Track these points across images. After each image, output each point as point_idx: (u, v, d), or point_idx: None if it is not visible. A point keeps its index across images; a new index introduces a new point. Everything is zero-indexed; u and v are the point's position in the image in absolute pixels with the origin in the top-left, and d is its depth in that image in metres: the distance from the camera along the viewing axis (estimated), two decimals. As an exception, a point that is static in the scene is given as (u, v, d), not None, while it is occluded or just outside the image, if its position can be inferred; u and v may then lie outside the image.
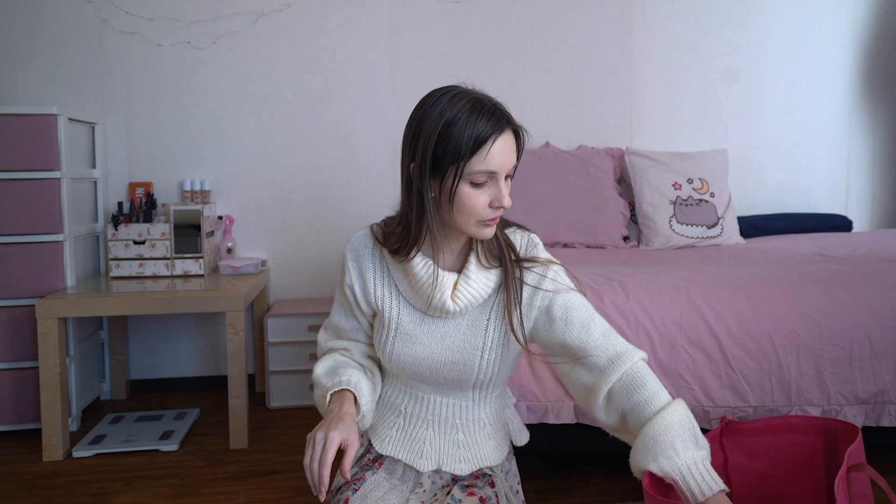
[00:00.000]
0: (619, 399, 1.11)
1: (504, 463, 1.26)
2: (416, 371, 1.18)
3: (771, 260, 2.38)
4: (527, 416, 1.76)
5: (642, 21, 3.16)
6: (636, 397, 1.08)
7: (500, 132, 1.04)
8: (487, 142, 1.02)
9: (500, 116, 1.05)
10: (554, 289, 1.14)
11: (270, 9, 2.85)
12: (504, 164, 1.05)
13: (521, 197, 2.77)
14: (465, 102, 1.04)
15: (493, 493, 1.17)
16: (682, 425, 1.04)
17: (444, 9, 2.99)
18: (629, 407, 1.10)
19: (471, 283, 1.13)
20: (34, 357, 2.28)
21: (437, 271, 1.12)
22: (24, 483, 2.02)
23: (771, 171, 3.33)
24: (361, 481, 1.17)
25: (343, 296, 1.23)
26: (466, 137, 1.01)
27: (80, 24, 2.73)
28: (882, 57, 3.42)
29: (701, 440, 1.06)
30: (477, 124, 1.02)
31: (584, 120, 3.14)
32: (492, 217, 1.07)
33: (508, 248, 1.16)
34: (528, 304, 1.16)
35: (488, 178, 1.05)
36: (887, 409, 1.83)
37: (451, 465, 1.19)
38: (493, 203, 1.06)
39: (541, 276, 1.15)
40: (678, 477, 1.01)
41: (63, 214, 2.35)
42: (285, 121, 2.90)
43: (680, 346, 1.79)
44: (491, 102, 1.06)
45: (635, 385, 1.09)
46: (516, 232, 1.21)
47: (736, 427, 1.57)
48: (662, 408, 1.06)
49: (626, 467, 1.15)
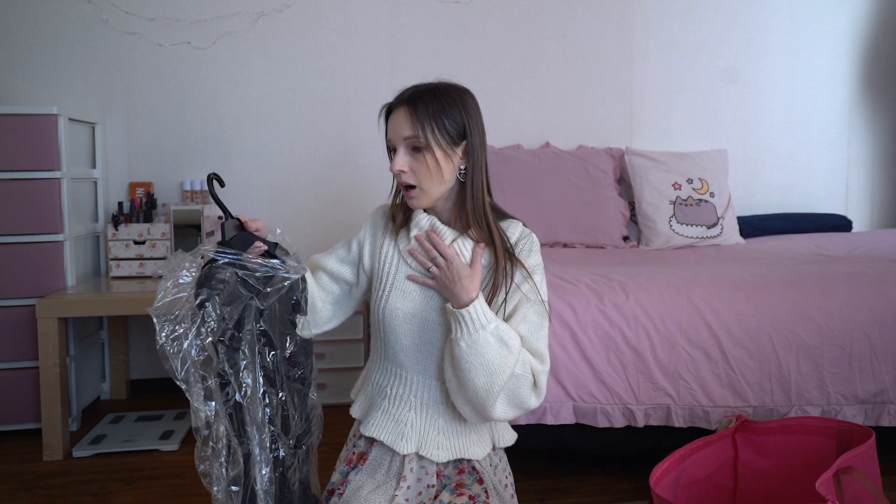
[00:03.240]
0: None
1: (491, 457, 1.28)
2: (405, 329, 1.22)
3: (771, 260, 2.39)
4: (525, 416, 1.77)
5: (642, 21, 3.16)
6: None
7: (390, 109, 1.22)
8: (383, 118, 1.24)
9: (399, 95, 1.21)
10: (527, 294, 1.20)
11: (270, 9, 2.86)
12: (394, 134, 1.20)
13: (522, 197, 2.77)
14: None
15: (483, 490, 1.20)
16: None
17: (444, 9, 2.99)
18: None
19: (466, 245, 1.21)
20: (34, 357, 2.28)
21: (437, 223, 1.23)
22: (24, 483, 2.02)
23: (771, 171, 3.33)
24: (345, 484, 1.22)
25: (347, 247, 1.33)
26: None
27: (81, 24, 2.73)
28: (882, 57, 3.42)
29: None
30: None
31: (584, 120, 3.14)
32: (400, 181, 1.21)
33: (501, 237, 1.22)
34: (509, 298, 1.21)
35: (394, 148, 1.21)
36: (887, 408, 1.83)
37: (429, 451, 1.22)
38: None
39: (524, 278, 1.21)
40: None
41: (63, 214, 2.35)
42: (285, 121, 2.90)
43: (680, 346, 1.79)
44: (409, 87, 1.21)
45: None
46: (518, 226, 1.26)
47: (751, 426, 1.58)
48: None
49: (626, 467, 1.16)
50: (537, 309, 1.19)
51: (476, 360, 1.10)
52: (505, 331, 1.12)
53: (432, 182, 1.19)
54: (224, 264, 1.09)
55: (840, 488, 1.20)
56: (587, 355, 1.77)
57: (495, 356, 1.10)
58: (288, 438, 1.14)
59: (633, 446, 1.85)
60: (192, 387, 1.06)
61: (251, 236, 1.16)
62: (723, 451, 1.57)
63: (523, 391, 1.14)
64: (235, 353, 1.07)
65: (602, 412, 1.79)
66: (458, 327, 1.12)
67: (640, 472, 1.86)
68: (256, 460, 1.07)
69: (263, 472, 1.07)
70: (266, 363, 1.11)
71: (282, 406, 1.13)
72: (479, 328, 1.10)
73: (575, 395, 1.78)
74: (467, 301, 1.12)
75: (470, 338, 1.10)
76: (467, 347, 1.10)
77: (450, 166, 1.20)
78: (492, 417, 1.15)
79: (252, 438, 1.07)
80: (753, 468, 1.57)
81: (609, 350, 1.78)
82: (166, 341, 1.04)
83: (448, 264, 1.15)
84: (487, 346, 1.10)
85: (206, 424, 1.06)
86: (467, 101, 1.22)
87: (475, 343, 1.10)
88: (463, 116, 1.20)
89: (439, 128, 1.17)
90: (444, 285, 1.16)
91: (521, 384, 1.13)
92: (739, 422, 1.59)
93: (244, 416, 1.08)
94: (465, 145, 1.21)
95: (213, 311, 1.05)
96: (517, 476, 2.00)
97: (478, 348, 1.10)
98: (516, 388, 1.13)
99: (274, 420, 1.11)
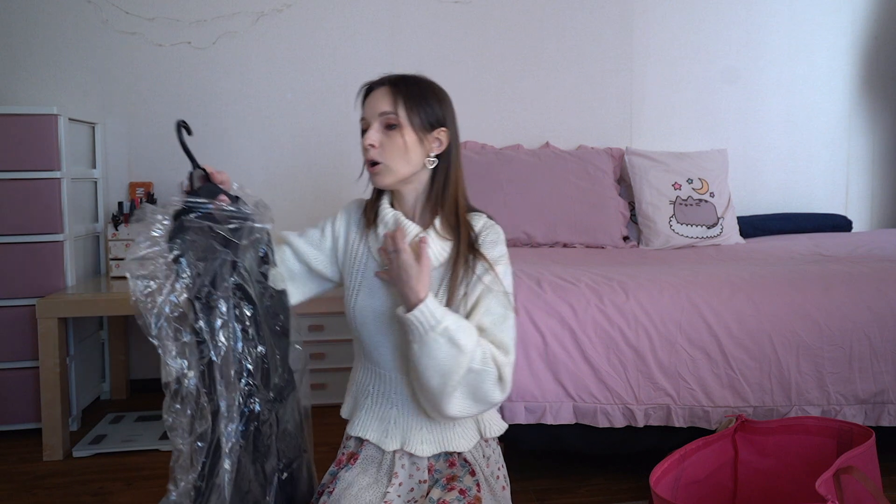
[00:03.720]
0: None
1: (483, 448, 1.28)
2: (376, 327, 1.23)
3: (771, 260, 2.39)
4: (525, 416, 1.77)
5: (642, 21, 3.16)
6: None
7: (372, 86, 1.26)
8: (361, 96, 1.28)
9: (384, 77, 1.26)
10: (490, 285, 1.19)
11: (270, 9, 2.86)
12: (371, 110, 1.23)
13: (522, 197, 2.77)
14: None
15: (474, 482, 1.20)
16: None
17: (444, 9, 2.99)
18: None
19: (430, 241, 1.20)
20: (34, 357, 2.28)
21: (401, 218, 1.23)
22: (24, 483, 2.02)
23: (771, 171, 3.33)
24: (335, 482, 1.22)
25: (321, 231, 1.32)
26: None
27: (81, 24, 2.73)
28: (882, 57, 3.42)
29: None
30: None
31: (584, 120, 3.14)
32: (368, 156, 1.22)
33: (466, 229, 1.22)
34: (470, 290, 1.21)
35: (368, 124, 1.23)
36: (887, 408, 1.83)
37: (413, 446, 1.22)
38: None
39: (486, 269, 1.20)
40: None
41: (63, 214, 2.35)
42: (285, 121, 2.90)
43: (680, 346, 1.79)
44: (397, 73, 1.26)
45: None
46: (482, 218, 1.27)
47: (751, 426, 1.58)
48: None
49: (626, 467, 1.16)
50: (501, 300, 1.19)
51: (428, 362, 1.10)
52: (456, 330, 1.10)
53: (400, 162, 1.20)
54: (196, 216, 1.07)
55: (840, 488, 1.20)
56: (587, 355, 1.77)
57: (445, 357, 1.09)
58: (268, 391, 1.12)
59: (633, 446, 1.85)
60: (165, 343, 1.04)
61: (216, 188, 1.16)
62: (723, 451, 1.57)
63: (486, 385, 1.13)
64: (211, 310, 1.05)
65: (602, 412, 1.79)
66: (408, 330, 1.11)
67: (640, 472, 1.86)
68: (223, 416, 1.04)
69: (229, 429, 1.04)
70: (244, 317, 1.08)
71: (262, 359, 1.11)
72: (429, 329, 1.09)
73: (575, 394, 1.78)
74: (415, 302, 1.11)
75: (420, 340, 1.10)
76: (419, 349, 1.10)
77: (419, 150, 1.21)
78: (450, 415, 1.14)
79: (220, 396, 1.05)
80: (753, 468, 1.58)
81: (609, 350, 1.78)
82: (140, 297, 1.02)
83: (396, 257, 1.13)
84: (437, 347, 1.09)
85: (177, 380, 1.05)
86: (444, 98, 1.26)
87: (425, 345, 1.09)
88: (440, 108, 1.23)
89: (417, 110, 1.20)
90: (393, 283, 1.15)
91: (482, 379, 1.12)
92: (739, 422, 1.59)
93: (215, 373, 1.05)
94: (438, 134, 1.22)
95: (188, 268, 1.03)
96: (517, 476, 2.00)
97: (428, 350, 1.09)
98: (477, 384, 1.12)
99: (254, 374, 1.08)
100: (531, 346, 1.77)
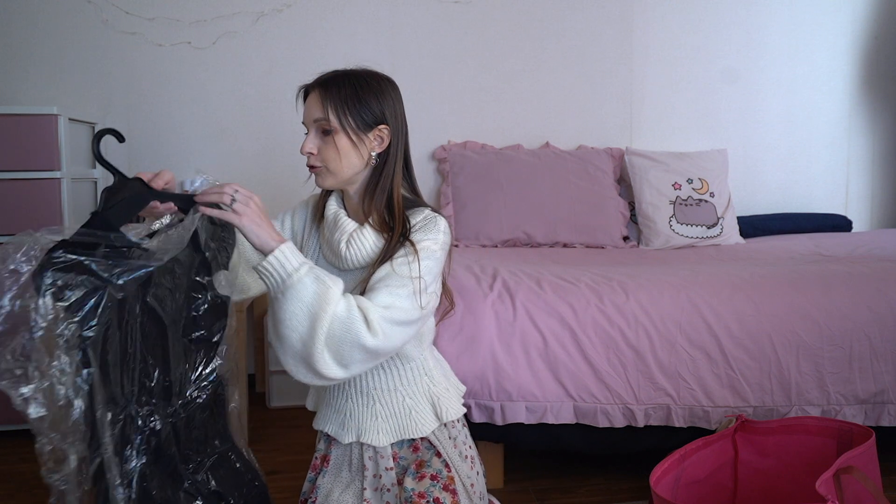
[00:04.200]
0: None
1: (449, 430, 1.29)
2: None
3: (771, 260, 2.39)
4: (526, 416, 1.77)
5: (642, 21, 3.16)
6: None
7: (307, 91, 1.25)
8: (300, 98, 1.28)
9: (317, 78, 1.25)
10: (397, 268, 1.16)
11: (270, 9, 2.85)
12: (307, 116, 1.24)
13: (522, 197, 2.77)
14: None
15: (443, 464, 1.22)
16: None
17: (444, 9, 2.99)
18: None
19: (364, 236, 1.21)
20: (34, 357, 2.27)
21: (341, 215, 1.25)
22: (24, 483, 2.02)
23: (771, 171, 3.33)
24: (315, 491, 1.25)
25: (280, 225, 1.36)
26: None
27: (81, 24, 2.73)
28: (882, 57, 3.42)
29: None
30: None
31: (584, 120, 3.14)
32: (307, 162, 1.24)
33: (401, 222, 1.21)
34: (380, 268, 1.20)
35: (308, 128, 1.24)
36: (887, 408, 1.83)
37: (369, 436, 1.24)
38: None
39: (405, 254, 1.17)
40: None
41: (63, 214, 2.35)
42: (285, 121, 2.90)
43: (680, 346, 1.79)
44: (330, 71, 1.25)
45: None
46: (424, 212, 1.24)
47: (751, 426, 1.58)
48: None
49: (626, 467, 1.15)
50: (400, 281, 1.13)
51: (294, 307, 1.04)
52: (320, 271, 1.08)
53: (339, 165, 1.21)
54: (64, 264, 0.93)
55: (840, 488, 1.20)
56: (587, 355, 1.78)
57: (313, 295, 1.04)
58: (169, 405, 1.06)
59: (633, 446, 1.85)
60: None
61: (145, 196, 1.05)
62: (723, 451, 1.57)
63: (354, 328, 1.06)
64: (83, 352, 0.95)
65: (602, 412, 1.79)
66: (270, 278, 1.06)
67: (640, 472, 1.86)
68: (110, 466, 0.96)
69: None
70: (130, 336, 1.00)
71: (149, 372, 1.04)
72: (293, 272, 1.05)
73: (575, 394, 1.78)
74: (274, 245, 1.06)
75: (284, 285, 1.05)
76: (283, 297, 1.05)
77: (358, 151, 1.21)
78: (322, 370, 1.06)
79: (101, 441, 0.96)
80: (753, 468, 1.58)
81: (609, 350, 1.78)
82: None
83: (251, 202, 1.07)
84: (303, 287, 1.04)
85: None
86: (385, 89, 1.24)
87: (290, 289, 1.04)
88: (379, 103, 1.21)
89: (350, 113, 1.19)
90: (246, 232, 1.06)
91: (348, 326, 1.05)
92: (739, 422, 1.59)
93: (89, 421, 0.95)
94: (378, 132, 1.22)
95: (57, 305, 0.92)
96: (517, 476, 2.01)
97: (294, 293, 1.04)
98: (343, 332, 1.05)
99: (152, 391, 1.02)
100: (531, 346, 1.77)
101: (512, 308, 1.79)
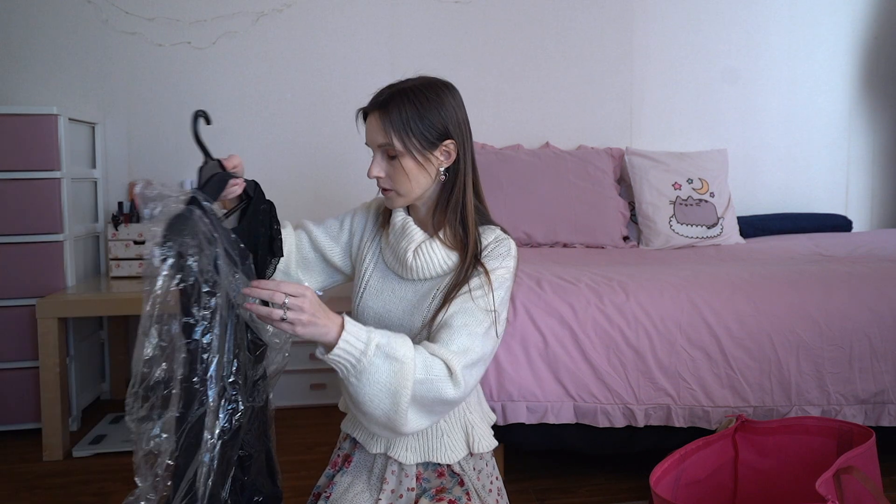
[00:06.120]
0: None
1: (475, 461, 1.26)
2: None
3: (771, 260, 2.39)
4: (527, 416, 1.77)
5: (642, 21, 3.16)
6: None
7: (366, 112, 1.22)
8: (360, 120, 1.24)
9: (374, 98, 1.19)
10: (476, 300, 1.14)
11: (270, 9, 2.85)
12: (369, 140, 1.21)
13: (522, 197, 2.77)
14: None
15: (464, 492, 1.19)
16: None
17: (444, 9, 2.99)
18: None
19: (433, 249, 1.19)
20: (34, 357, 2.28)
21: (409, 223, 1.23)
22: (24, 483, 2.02)
23: (771, 171, 3.33)
24: (332, 487, 1.23)
25: (339, 224, 1.36)
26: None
27: (81, 24, 2.73)
28: (882, 57, 3.42)
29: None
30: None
31: (584, 120, 3.14)
32: (378, 185, 1.22)
33: (475, 242, 1.20)
34: (456, 298, 1.17)
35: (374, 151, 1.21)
36: (887, 408, 1.83)
37: (397, 452, 1.21)
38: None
39: (480, 283, 1.16)
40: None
41: (63, 214, 2.35)
42: (285, 121, 2.90)
43: (680, 346, 1.79)
44: (385, 87, 1.19)
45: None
46: (495, 231, 1.23)
47: (751, 426, 1.58)
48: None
49: (626, 467, 1.15)
50: (478, 317, 1.12)
51: (371, 390, 1.01)
52: (387, 343, 1.02)
53: (409, 187, 1.18)
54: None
55: (840, 488, 1.20)
56: (587, 355, 1.78)
57: (388, 376, 1.01)
58: (245, 388, 1.09)
59: (633, 446, 1.85)
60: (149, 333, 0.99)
61: (227, 175, 1.14)
62: (723, 451, 1.57)
63: (437, 387, 1.04)
64: (206, 303, 1.00)
65: (602, 412, 1.79)
66: (340, 366, 1.01)
67: (640, 472, 1.86)
68: (210, 409, 0.99)
69: (217, 421, 1.00)
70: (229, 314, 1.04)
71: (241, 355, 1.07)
72: (361, 356, 1.00)
73: (575, 394, 1.78)
74: (336, 335, 1.00)
75: (356, 371, 1.00)
76: (357, 382, 1.01)
77: (426, 170, 1.18)
78: (409, 432, 1.06)
79: (209, 387, 1.00)
80: (753, 468, 1.58)
81: (609, 350, 1.78)
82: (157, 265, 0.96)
83: (302, 299, 0.98)
84: (376, 369, 1.00)
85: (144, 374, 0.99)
86: (445, 100, 1.18)
87: (363, 373, 1.00)
88: (441, 117, 1.16)
89: (414, 134, 1.15)
90: (306, 331, 0.99)
91: (430, 386, 1.04)
92: (739, 422, 1.59)
93: (198, 364, 0.99)
94: (445, 147, 1.18)
95: (193, 263, 0.98)
96: (517, 476, 2.01)
97: (367, 377, 1.00)
98: (426, 392, 1.03)
99: (237, 371, 1.05)
100: (531, 346, 1.77)
101: (512, 308, 1.79)
